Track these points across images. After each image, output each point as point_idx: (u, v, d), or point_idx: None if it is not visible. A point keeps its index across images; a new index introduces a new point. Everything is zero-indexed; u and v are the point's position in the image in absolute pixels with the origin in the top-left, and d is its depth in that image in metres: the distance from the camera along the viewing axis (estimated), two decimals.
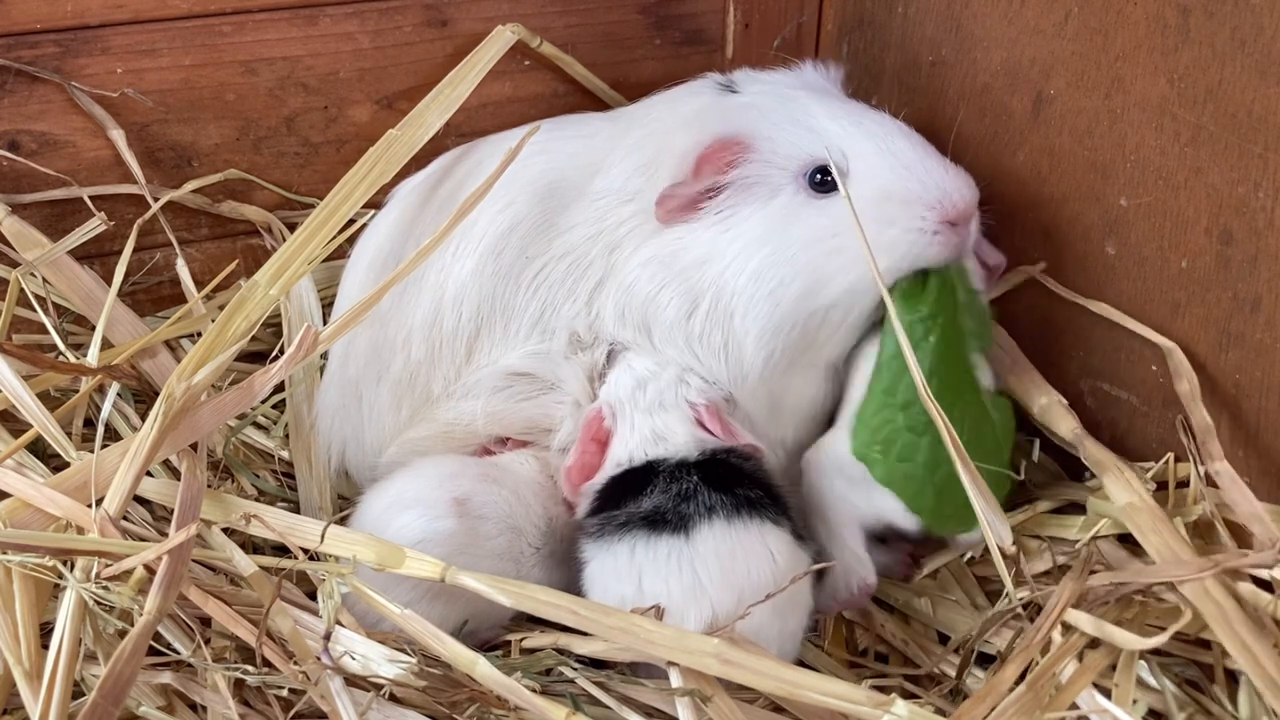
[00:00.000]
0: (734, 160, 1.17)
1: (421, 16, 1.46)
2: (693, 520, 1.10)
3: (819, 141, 1.18)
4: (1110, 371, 1.29)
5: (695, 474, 1.13)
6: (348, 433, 1.33)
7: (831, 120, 1.20)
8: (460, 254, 1.24)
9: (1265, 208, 1.09)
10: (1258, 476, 1.14)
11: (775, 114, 1.20)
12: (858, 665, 1.21)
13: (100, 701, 0.85)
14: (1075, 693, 0.98)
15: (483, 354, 1.25)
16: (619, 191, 1.23)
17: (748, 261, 1.17)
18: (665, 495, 1.12)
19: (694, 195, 1.18)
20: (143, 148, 1.41)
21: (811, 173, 1.18)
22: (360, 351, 1.30)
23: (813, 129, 1.19)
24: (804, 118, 1.20)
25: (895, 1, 1.47)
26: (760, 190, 1.18)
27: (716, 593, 1.06)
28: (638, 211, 1.22)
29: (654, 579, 1.08)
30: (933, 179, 1.17)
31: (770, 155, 1.18)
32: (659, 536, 1.10)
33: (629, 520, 1.12)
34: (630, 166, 1.23)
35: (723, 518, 1.10)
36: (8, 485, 1.05)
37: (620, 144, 1.26)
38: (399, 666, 0.97)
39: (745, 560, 1.08)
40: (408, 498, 1.15)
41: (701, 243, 1.19)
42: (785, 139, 1.18)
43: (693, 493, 1.12)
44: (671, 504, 1.11)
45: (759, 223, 1.18)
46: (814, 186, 1.18)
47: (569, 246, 1.23)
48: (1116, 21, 1.20)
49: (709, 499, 1.11)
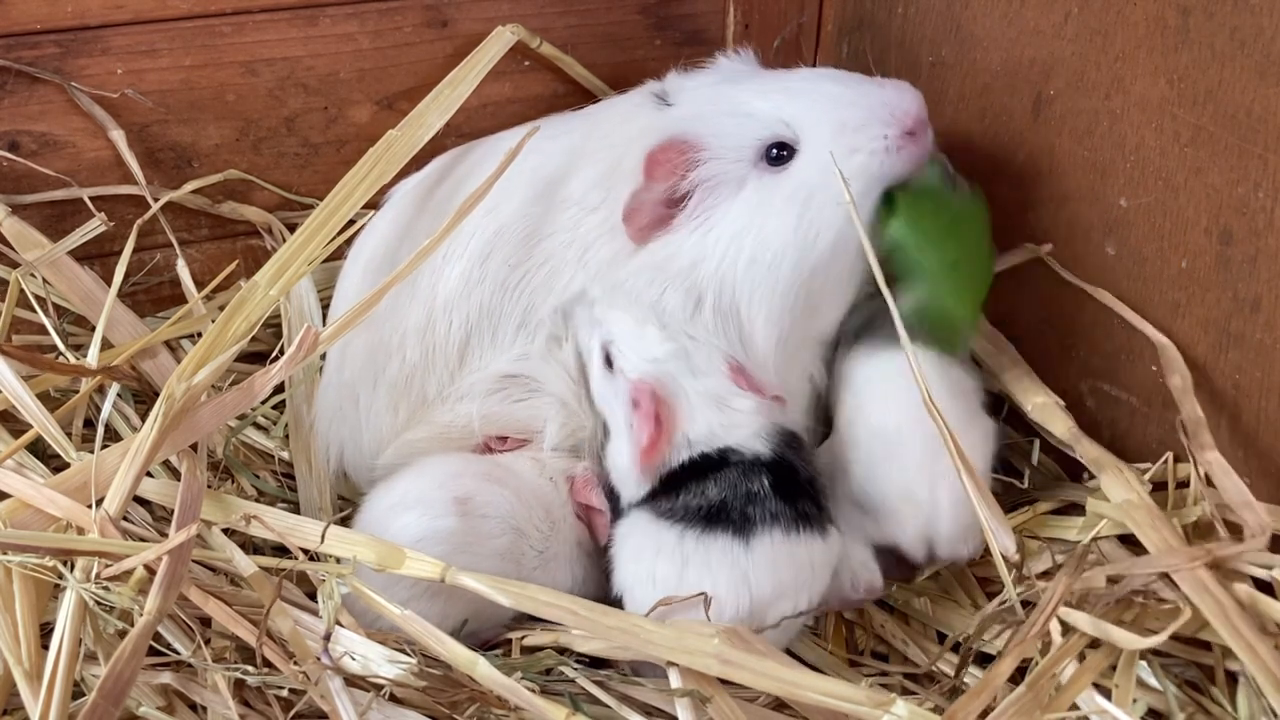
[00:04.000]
0: (689, 162, 1.19)
1: (421, 17, 1.46)
2: (756, 526, 1.10)
3: (758, 123, 1.20)
4: (1110, 372, 1.29)
5: (768, 478, 1.13)
6: (345, 435, 1.33)
7: (761, 98, 1.22)
8: (450, 259, 1.25)
9: (1265, 208, 1.09)
10: (1258, 477, 1.14)
11: (710, 113, 1.22)
12: (858, 665, 1.21)
13: (100, 702, 0.85)
14: (1075, 693, 0.98)
15: (474, 358, 1.25)
16: (581, 203, 1.24)
17: (739, 252, 1.19)
18: (733, 492, 1.12)
19: (660, 208, 1.20)
20: (143, 148, 1.41)
21: (765, 150, 1.20)
22: (356, 355, 1.30)
23: (749, 114, 1.21)
24: (735, 107, 1.22)
25: (895, 2, 1.47)
26: (725, 187, 1.20)
27: (759, 595, 1.08)
28: (604, 221, 1.23)
29: (701, 571, 1.09)
30: (875, 99, 1.20)
31: (722, 150, 1.20)
32: (716, 532, 1.10)
33: (687, 508, 1.12)
34: (591, 178, 1.25)
35: (781, 529, 1.10)
36: (8, 485, 1.04)
37: (582, 151, 1.27)
38: (399, 667, 0.97)
39: (792, 572, 1.10)
40: (410, 498, 1.15)
41: (687, 248, 1.20)
42: (729, 131, 1.20)
43: (762, 498, 1.11)
44: (739, 503, 1.11)
45: (736, 215, 1.19)
46: (772, 162, 1.20)
47: (548, 254, 1.24)
48: (1116, 22, 1.20)
49: (774, 507, 1.11)
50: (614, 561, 1.15)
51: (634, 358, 1.18)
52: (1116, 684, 1.01)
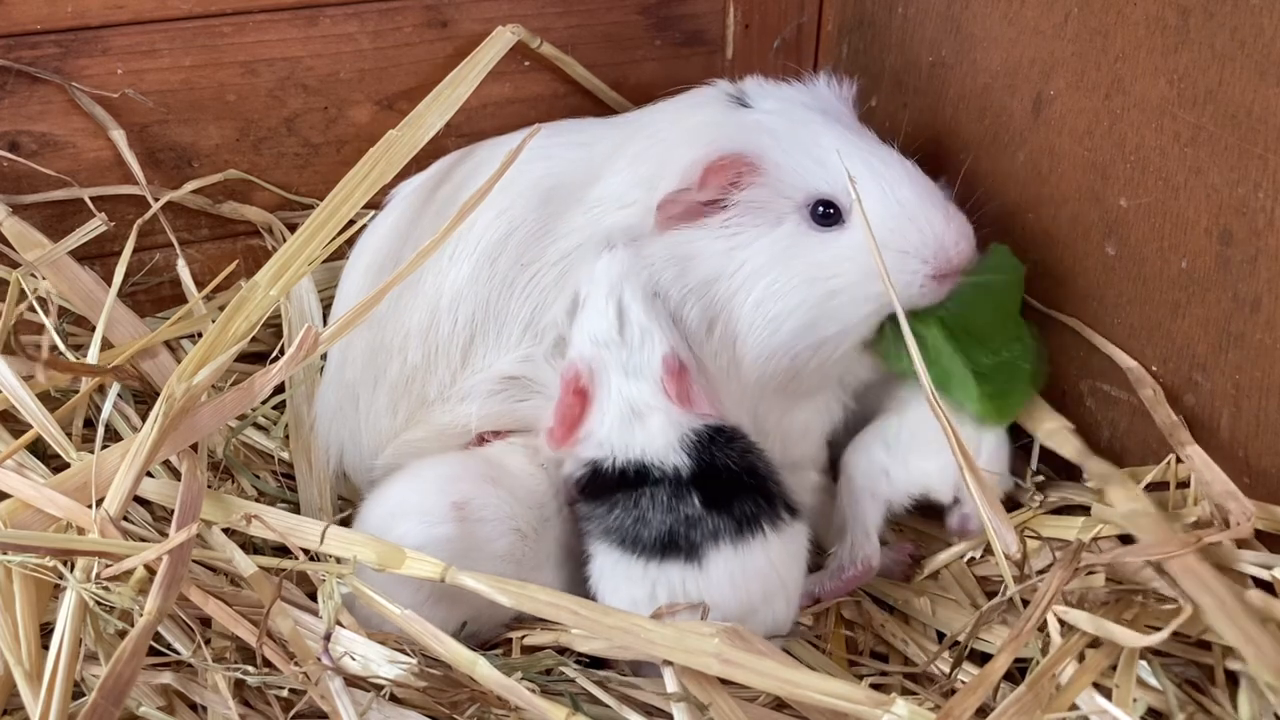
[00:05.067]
0: (741, 180, 1.18)
1: (422, 17, 1.46)
2: (703, 549, 1.11)
3: (826, 176, 1.18)
4: (1110, 372, 1.29)
5: (696, 496, 1.13)
6: (345, 435, 1.33)
7: (842, 155, 1.18)
8: (456, 258, 1.24)
9: (1265, 208, 1.09)
10: (1258, 477, 1.14)
11: (786, 139, 1.20)
12: (858, 665, 1.21)
13: (100, 702, 0.85)
14: (1075, 693, 0.98)
15: (477, 359, 1.25)
16: (617, 199, 1.23)
17: (751, 290, 1.19)
18: (673, 517, 1.12)
19: (696, 205, 1.19)
20: (143, 148, 1.41)
21: (815, 205, 1.19)
22: (357, 355, 1.30)
23: (822, 162, 1.19)
24: (814, 148, 1.20)
25: (895, 2, 1.47)
26: (765, 215, 1.19)
27: (728, 608, 1.09)
28: (631, 215, 1.22)
29: (668, 594, 1.10)
30: (932, 230, 1.18)
31: (777, 182, 1.19)
32: (671, 561, 1.11)
33: (639, 538, 1.12)
34: (632, 178, 1.23)
35: (729, 542, 1.11)
36: (8, 486, 1.05)
37: (622, 153, 1.25)
38: (399, 667, 0.97)
39: (754, 578, 1.11)
40: (407, 505, 1.15)
41: (711, 254, 1.19)
42: (794, 167, 1.19)
43: (698, 520, 1.11)
44: (682, 529, 1.11)
45: (762, 250, 1.19)
46: (816, 219, 1.19)
47: (563, 253, 1.24)
48: (1116, 22, 1.20)
49: (713, 524, 1.11)
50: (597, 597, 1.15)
51: (582, 333, 1.18)
52: (1116, 684, 1.01)
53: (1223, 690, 1.05)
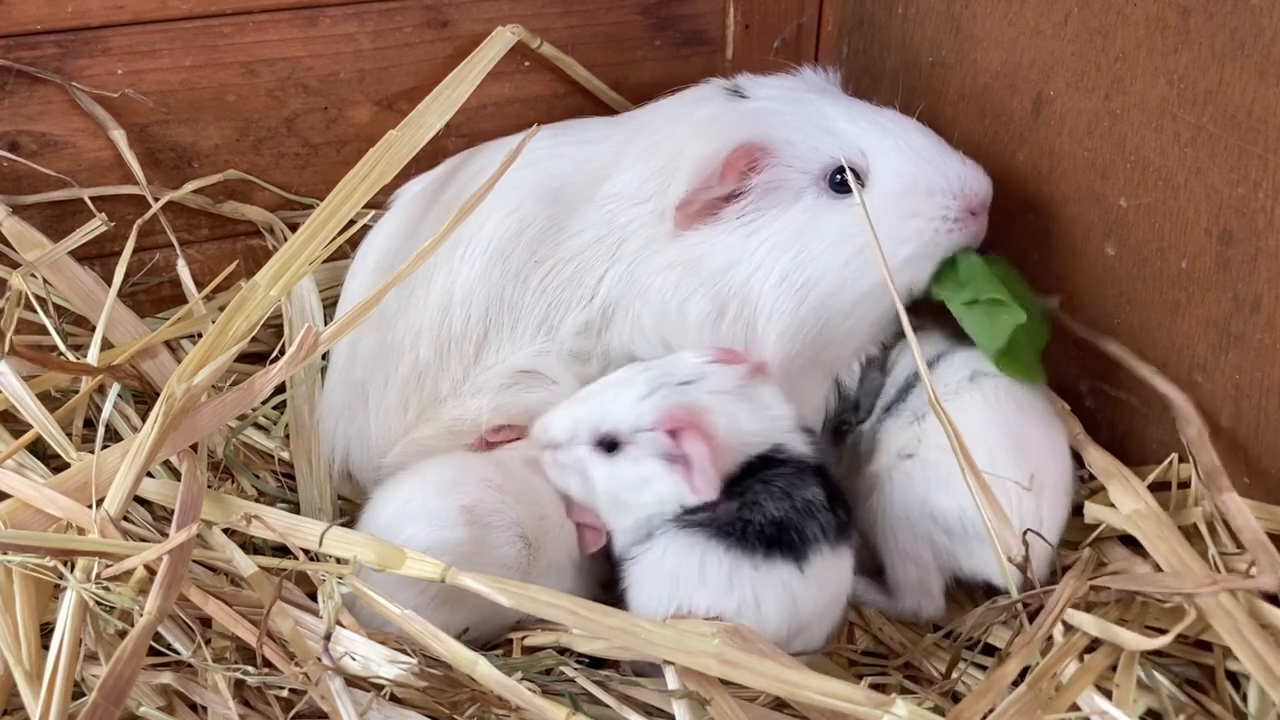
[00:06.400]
0: (756, 164, 1.19)
1: (422, 17, 1.46)
2: (811, 546, 1.05)
3: (837, 143, 1.21)
4: (1110, 373, 1.29)
5: (818, 482, 1.07)
6: (352, 434, 1.33)
7: (848, 121, 1.22)
8: (469, 256, 1.25)
9: (1265, 208, 1.09)
10: (1258, 477, 1.14)
11: (792, 118, 1.22)
12: (858, 665, 1.21)
13: (101, 702, 0.85)
14: (1076, 693, 0.98)
15: (490, 354, 1.26)
16: (632, 195, 1.24)
17: (774, 265, 1.19)
18: (789, 504, 1.06)
19: (715, 200, 1.20)
20: (143, 148, 1.41)
21: (831, 174, 1.20)
22: (367, 353, 1.30)
23: (830, 130, 1.22)
24: (820, 120, 1.22)
25: (895, 2, 1.47)
26: (782, 194, 1.20)
27: (806, 617, 1.07)
28: (648, 212, 1.23)
29: (751, 595, 1.05)
30: (953, 170, 1.21)
31: (791, 159, 1.20)
32: (775, 560, 1.04)
33: (746, 528, 1.05)
34: (644, 172, 1.24)
35: (829, 545, 1.07)
36: (8, 486, 1.05)
37: (630, 149, 1.27)
38: (399, 667, 0.97)
39: (834, 591, 1.10)
40: (414, 507, 1.13)
41: (725, 247, 1.20)
42: (804, 142, 1.21)
43: (815, 509, 1.05)
44: (798, 518, 1.05)
45: (783, 227, 1.20)
46: (834, 187, 1.21)
47: (577, 250, 1.25)
48: (1116, 22, 1.20)
49: (825, 519, 1.06)
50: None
51: (641, 403, 1.10)
52: (1117, 684, 1.01)
53: (1223, 692, 1.05)
